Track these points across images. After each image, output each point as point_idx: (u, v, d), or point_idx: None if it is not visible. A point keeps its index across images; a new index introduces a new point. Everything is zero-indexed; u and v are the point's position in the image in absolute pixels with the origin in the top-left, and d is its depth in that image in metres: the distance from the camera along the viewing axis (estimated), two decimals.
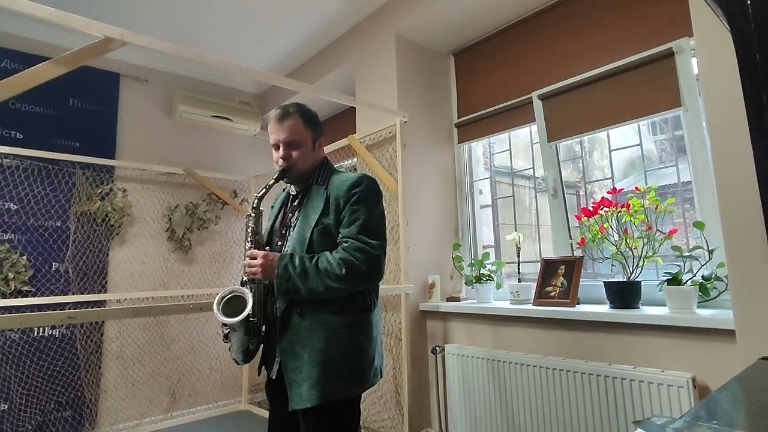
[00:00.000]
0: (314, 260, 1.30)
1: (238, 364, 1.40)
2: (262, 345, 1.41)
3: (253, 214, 1.40)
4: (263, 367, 1.45)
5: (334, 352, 1.28)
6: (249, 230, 1.39)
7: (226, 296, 1.31)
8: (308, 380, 1.25)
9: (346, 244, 1.31)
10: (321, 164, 1.49)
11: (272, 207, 1.62)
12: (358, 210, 1.35)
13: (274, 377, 1.39)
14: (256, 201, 1.41)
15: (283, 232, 1.45)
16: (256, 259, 1.33)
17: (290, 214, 1.47)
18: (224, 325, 1.33)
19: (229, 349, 1.39)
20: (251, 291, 1.32)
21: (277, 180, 1.42)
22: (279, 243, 1.45)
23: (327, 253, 1.32)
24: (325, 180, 1.45)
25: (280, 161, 1.41)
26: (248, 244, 1.39)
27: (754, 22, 0.45)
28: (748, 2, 0.45)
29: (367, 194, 1.38)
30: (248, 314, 1.27)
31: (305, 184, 1.47)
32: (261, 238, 1.43)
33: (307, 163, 1.44)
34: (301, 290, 1.28)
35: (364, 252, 1.30)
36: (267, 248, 1.43)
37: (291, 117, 1.42)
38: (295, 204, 1.48)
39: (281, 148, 1.42)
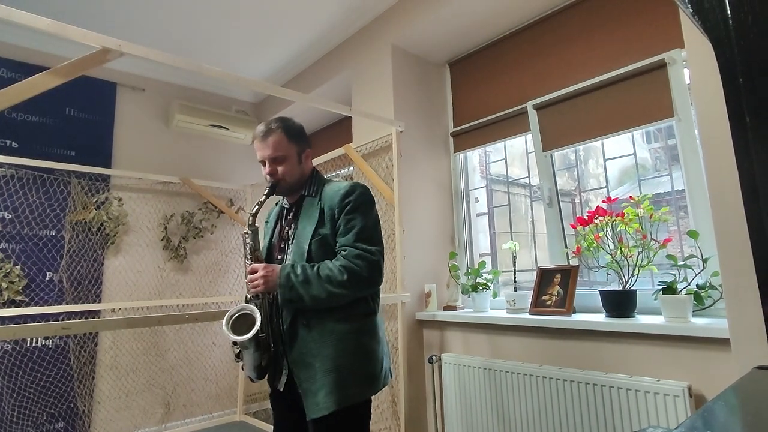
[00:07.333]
0: (315, 268, 1.33)
1: (252, 381, 1.41)
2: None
3: (249, 232, 1.43)
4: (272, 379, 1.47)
5: (344, 359, 1.31)
6: (248, 248, 1.42)
7: (234, 315, 1.32)
8: (324, 388, 1.28)
9: (345, 252, 1.35)
10: (311, 176, 1.52)
11: (266, 222, 1.64)
12: (354, 218, 1.38)
13: (281, 389, 1.41)
14: (250, 218, 1.43)
15: (282, 245, 1.49)
16: (257, 272, 1.36)
17: (287, 228, 1.50)
18: (234, 344, 1.35)
19: (242, 368, 1.40)
20: (257, 307, 1.34)
21: (268, 195, 1.44)
22: (279, 257, 1.48)
23: (327, 262, 1.35)
24: (317, 191, 1.48)
25: (268, 177, 1.45)
26: (248, 262, 1.41)
27: (737, 46, 0.46)
28: (731, 29, 0.47)
29: (360, 202, 1.41)
30: (258, 330, 1.29)
31: (297, 196, 1.51)
32: (260, 254, 1.45)
33: (294, 176, 1.47)
34: (304, 298, 1.30)
35: (363, 258, 1.33)
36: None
37: (274, 133, 1.44)
38: (290, 217, 1.51)
39: (267, 164, 1.45)
